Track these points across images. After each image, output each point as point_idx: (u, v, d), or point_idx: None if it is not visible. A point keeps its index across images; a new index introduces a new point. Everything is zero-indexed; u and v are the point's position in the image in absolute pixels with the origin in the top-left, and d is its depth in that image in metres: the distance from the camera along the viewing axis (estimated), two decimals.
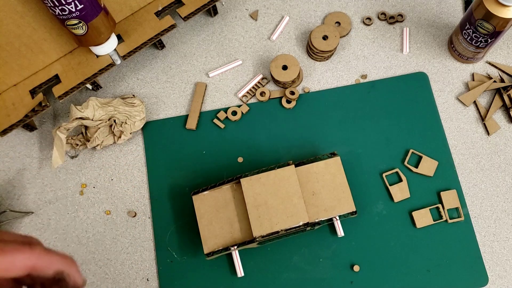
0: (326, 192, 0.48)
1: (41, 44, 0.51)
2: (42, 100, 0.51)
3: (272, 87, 0.58)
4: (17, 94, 0.51)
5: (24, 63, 0.51)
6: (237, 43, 0.60)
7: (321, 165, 0.49)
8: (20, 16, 0.49)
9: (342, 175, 0.49)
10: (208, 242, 0.47)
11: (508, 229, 0.52)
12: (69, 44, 0.52)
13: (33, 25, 0.50)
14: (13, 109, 0.50)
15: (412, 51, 0.59)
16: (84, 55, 0.52)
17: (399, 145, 0.54)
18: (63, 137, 0.50)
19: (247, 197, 0.46)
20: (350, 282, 0.50)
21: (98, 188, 0.54)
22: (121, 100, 0.54)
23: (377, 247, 0.51)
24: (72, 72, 0.52)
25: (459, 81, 0.57)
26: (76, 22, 0.45)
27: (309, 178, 0.49)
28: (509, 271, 0.50)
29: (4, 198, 0.54)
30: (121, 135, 0.54)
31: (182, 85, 0.58)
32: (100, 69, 0.52)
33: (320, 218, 0.47)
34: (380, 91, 0.57)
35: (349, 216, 0.48)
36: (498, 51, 0.59)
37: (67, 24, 0.46)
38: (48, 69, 0.52)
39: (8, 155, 0.56)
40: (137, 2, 0.54)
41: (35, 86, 0.51)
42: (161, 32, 0.53)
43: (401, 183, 0.52)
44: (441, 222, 0.51)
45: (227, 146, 0.55)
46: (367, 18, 0.60)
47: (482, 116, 0.56)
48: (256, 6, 0.62)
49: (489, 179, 0.54)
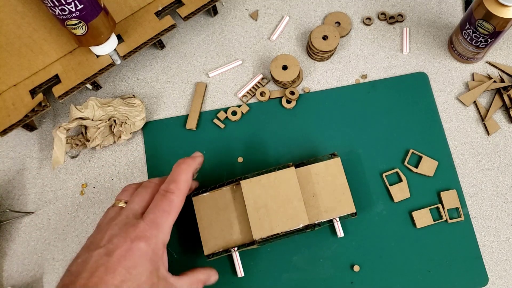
0: (326, 193, 0.48)
1: (41, 44, 0.51)
2: (42, 100, 0.51)
3: (272, 87, 0.58)
4: (17, 94, 0.51)
5: (24, 63, 0.51)
6: (237, 43, 0.60)
7: (321, 166, 0.49)
8: (21, 17, 0.49)
9: (342, 176, 0.49)
10: (208, 244, 0.47)
11: (508, 229, 0.52)
12: (69, 44, 0.52)
13: (33, 26, 0.50)
14: (13, 109, 0.50)
15: (412, 51, 0.59)
16: (84, 55, 0.52)
17: (399, 145, 0.54)
18: (63, 137, 0.50)
19: (247, 199, 0.46)
20: (350, 282, 0.50)
21: (98, 188, 0.54)
22: (121, 100, 0.54)
23: (377, 247, 0.51)
24: (72, 72, 0.52)
25: (459, 81, 0.57)
26: (76, 22, 0.45)
27: (309, 179, 0.48)
28: (509, 271, 0.50)
29: (4, 198, 0.54)
30: (121, 135, 0.54)
31: (182, 85, 0.58)
32: (100, 69, 0.52)
33: (320, 219, 0.47)
34: (380, 91, 0.57)
35: (349, 217, 0.48)
36: (498, 51, 0.59)
37: (67, 24, 0.46)
38: (48, 69, 0.52)
39: (8, 155, 0.56)
40: (137, 2, 0.54)
41: (35, 86, 0.51)
42: (161, 32, 0.53)
43: (401, 183, 0.52)
44: (441, 222, 0.51)
45: (227, 146, 0.55)
46: (367, 18, 0.60)
47: (482, 116, 0.56)
48: (256, 6, 0.62)
49: (489, 179, 0.54)
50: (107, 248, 0.36)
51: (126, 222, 0.38)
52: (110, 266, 0.35)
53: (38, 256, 0.52)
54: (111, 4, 0.53)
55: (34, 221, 0.53)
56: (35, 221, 0.53)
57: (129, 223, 0.38)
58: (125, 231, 0.37)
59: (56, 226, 0.53)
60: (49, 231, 0.53)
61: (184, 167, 0.42)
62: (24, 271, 0.51)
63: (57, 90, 0.51)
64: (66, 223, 0.53)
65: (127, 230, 0.37)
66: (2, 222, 0.53)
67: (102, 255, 0.35)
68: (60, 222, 0.53)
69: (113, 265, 0.35)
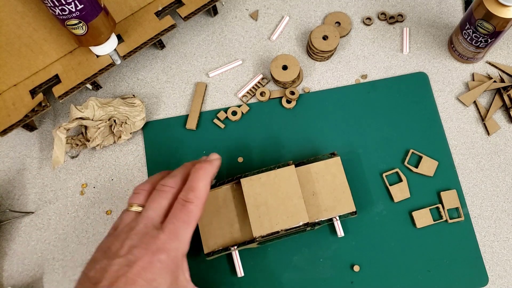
0: (326, 192, 0.48)
1: (41, 44, 0.51)
2: (42, 100, 0.51)
3: (272, 87, 0.58)
4: (17, 94, 0.51)
5: (25, 63, 0.51)
6: (237, 43, 0.60)
7: (321, 165, 0.49)
8: (21, 16, 0.49)
9: (342, 175, 0.49)
10: (208, 242, 0.47)
11: (508, 229, 0.52)
12: (69, 44, 0.52)
13: (34, 25, 0.50)
14: (14, 109, 0.50)
15: (412, 51, 0.59)
16: (84, 55, 0.52)
17: (399, 145, 0.54)
18: (63, 137, 0.50)
19: (247, 197, 0.46)
20: (350, 282, 0.50)
21: (99, 188, 0.54)
22: (121, 100, 0.54)
23: (377, 247, 0.51)
24: (72, 72, 0.52)
25: (459, 81, 0.57)
26: (76, 22, 0.45)
27: (309, 178, 0.49)
28: (509, 271, 0.50)
29: (4, 198, 0.54)
30: (121, 135, 0.54)
31: (182, 85, 0.58)
32: (100, 69, 0.52)
33: (320, 218, 0.47)
34: (380, 91, 0.57)
35: (349, 216, 0.48)
36: (498, 51, 0.59)
37: (67, 24, 0.46)
38: (48, 69, 0.52)
39: (8, 155, 0.56)
40: (137, 2, 0.54)
41: (35, 86, 0.51)
42: (161, 32, 0.53)
43: (401, 183, 0.52)
44: (441, 222, 0.51)
45: (227, 146, 0.55)
46: (367, 18, 0.60)
47: (482, 116, 0.56)
48: (256, 6, 0.62)
49: (489, 179, 0.54)
50: (127, 258, 0.36)
51: (145, 232, 0.38)
52: (131, 277, 0.35)
53: (38, 256, 0.52)
54: (111, 4, 0.53)
55: (34, 221, 0.53)
56: (35, 221, 0.53)
57: (149, 234, 0.37)
58: (146, 243, 0.37)
59: (56, 226, 0.53)
60: (49, 231, 0.53)
61: (202, 173, 0.41)
62: (24, 271, 0.51)
63: (57, 90, 0.51)
64: (66, 223, 0.53)
65: (148, 242, 0.37)
66: (2, 222, 0.53)
67: (122, 265, 0.35)
68: (60, 222, 0.53)
69: (134, 277, 0.35)
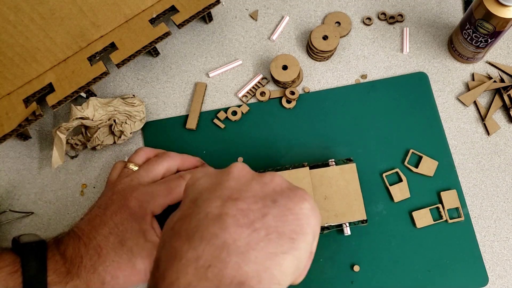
0: (339, 197, 0.48)
1: (34, 53, 0.51)
2: (36, 109, 0.50)
3: (272, 87, 0.58)
4: (11, 103, 0.50)
5: (18, 72, 0.51)
6: (237, 43, 0.60)
7: (336, 170, 0.49)
8: (13, 26, 0.48)
9: (356, 182, 0.48)
10: None
11: (508, 229, 0.52)
12: (62, 53, 0.52)
13: (26, 34, 0.49)
14: (7, 119, 0.49)
15: (412, 51, 0.59)
16: (77, 64, 0.52)
17: (399, 145, 0.54)
18: (63, 137, 0.50)
19: None
20: (350, 282, 0.50)
21: (99, 188, 0.54)
22: (121, 100, 0.54)
23: (377, 247, 0.51)
24: (66, 81, 0.51)
25: (459, 81, 0.57)
26: None
27: (322, 182, 0.48)
28: (509, 271, 0.50)
29: (4, 198, 0.54)
30: (121, 135, 0.54)
31: (182, 85, 0.58)
32: (94, 77, 0.51)
33: (330, 222, 0.47)
34: (380, 91, 0.57)
35: (359, 224, 0.48)
36: (498, 51, 0.59)
37: None
38: (41, 78, 0.51)
39: (8, 155, 0.56)
40: (131, 9, 0.54)
41: (28, 95, 0.50)
42: (155, 40, 0.52)
43: (401, 183, 0.52)
44: (441, 222, 0.51)
45: (227, 146, 0.55)
46: (367, 18, 0.60)
47: (482, 116, 0.56)
48: (256, 6, 0.62)
49: (489, 179, 0.54)
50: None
51: (131, 185, 0.46)
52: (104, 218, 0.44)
53: None
54: (105, 12, 0.52)
55: (34, 221, 0.53)
56: (35, 221, 0.53)
57: (133, 187, 0.45)
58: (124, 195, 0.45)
59: (56, 226, 0.53)
60: (49, 231, 0.53)
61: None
62: None
63: (51, 99, 0.50)
64: (66, 223, 0.53)
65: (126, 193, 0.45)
66: (2, 222, 0.53)
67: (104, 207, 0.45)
68: (60, 222, 0.53)
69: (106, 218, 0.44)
